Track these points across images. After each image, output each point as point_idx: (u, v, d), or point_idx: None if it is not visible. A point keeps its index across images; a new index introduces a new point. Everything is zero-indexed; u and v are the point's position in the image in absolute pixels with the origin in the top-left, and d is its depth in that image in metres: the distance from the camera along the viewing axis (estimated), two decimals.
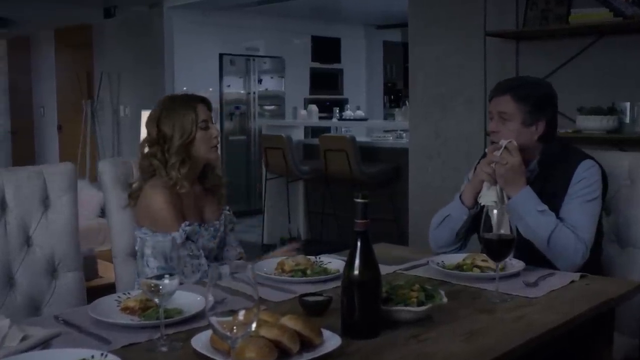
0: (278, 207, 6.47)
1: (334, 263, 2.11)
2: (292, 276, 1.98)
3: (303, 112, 6.95)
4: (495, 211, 1.83)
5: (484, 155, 2.41)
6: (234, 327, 1.22)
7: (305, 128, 7.60)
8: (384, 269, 2.11)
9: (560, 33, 4.21)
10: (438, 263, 2.09)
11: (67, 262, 2.27)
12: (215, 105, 8.14)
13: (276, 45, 8.79)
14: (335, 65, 9.58)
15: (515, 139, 2.20)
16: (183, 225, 2.21)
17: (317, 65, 9.34)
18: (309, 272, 1.99)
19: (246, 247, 2.38)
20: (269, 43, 8.75)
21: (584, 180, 2.23)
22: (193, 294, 1.76)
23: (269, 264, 2.10)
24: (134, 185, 2.30)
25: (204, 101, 2.36)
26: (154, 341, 1.51)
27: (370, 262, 1.51)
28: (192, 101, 2.33)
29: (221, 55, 8.16)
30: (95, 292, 2.40)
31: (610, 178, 2.42)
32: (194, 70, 7.82)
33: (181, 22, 7.62)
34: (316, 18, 9.00)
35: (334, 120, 7.50)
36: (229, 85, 8.27)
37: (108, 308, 1.72)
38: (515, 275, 1.99)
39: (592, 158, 2.30)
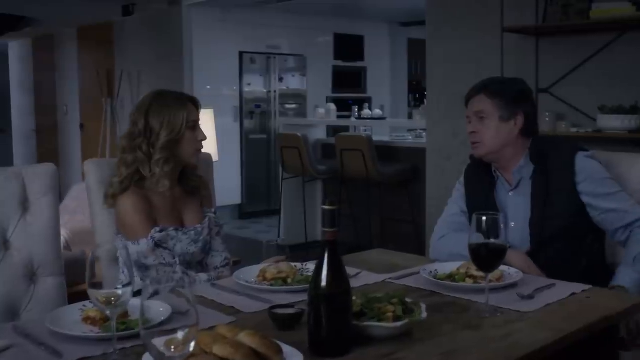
0: (295, 208, 6.36)
1: None
2: (272, 285, 1.87)
3: (321, 110, 6.83)
4: None
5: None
6: (172, 347, 1.12)
7: (328, 127, 7.49)
8: (373, 278, 2.01)
9: (581, 29, 4.05)
10: (430, 272, 1.96)
11: (47, 267, 2.18)
12: (235, 103, 8.09)
13: (298, 43, 8.69)
14: (359, 63, 9.44)
15: (495, 135, 2.20)
16: (152, 231, 2.12)
17: (339, 63, 9.21)
18: (289, 280, 1.87)
19: (264, 248, 2.22)
20: (291, 41, 8.64)
21: (594, 177, 2.18)
22: (161, 303, 1.66)
23: (250, 272, 1.99)
24: (113, 182, 2.20)
25: (195, 102, 2.28)
26: (107, 355, 1.41)
27: (339, 274, 1.39)
28: (184, 100, 2.25)
29: (241, 54, 8.08)
30: (85, 295, 2.34)
31: (625, 182, 2.29)
32: (213, 68, 7.76)
33: (201, 20, 7.55)
34: (339, 15, 8.86)
35: (352, 119, 7.36)
36: (249, 84, 8.19)
37: (70, 318, 1.63)
38: (512, 286, 1.85)
39: (583, 148, 2.25)
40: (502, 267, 1.98)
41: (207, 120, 3.45)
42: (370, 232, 5.90)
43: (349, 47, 9.30)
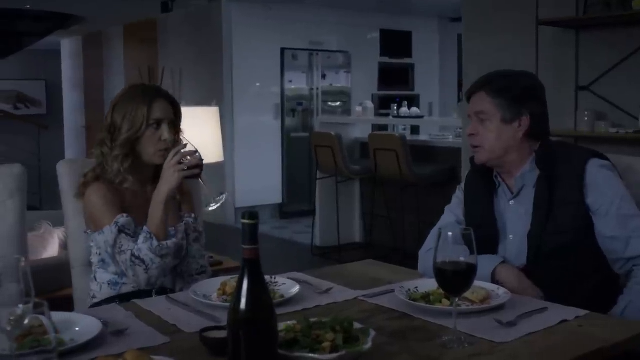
0: (330, 209, 6.17)
1: (287, 285, 1.82)
2: (226, 300, 1.70)
3: (358, 109, 6.62)
4: None
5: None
6: None
7: (373, 126, 7.27)
8: (345, 295, 1.82)
9: (623, 20, 3.74)
10: (409, 289, 1.75)
11: (10, 273, 2.07)
12: (277, 101, 7.95)
13: (342, 40, 8.48)
14: (406, 60, 9.17)
15: (497, 139, 1.95)
16: (118, 216, 1.99)
17: (386, 60, 8.96)
18: None
19: (298, 249, 2.00)
20: (334, 37, 8.44)
21: (603, 192, 1.89)
22: (91, 319, 1.53)
23: (212, 284, 1.82)
24: (86, 173, 2.10)
25: (168, 99, 2.12)
26: None
27: (260, 297, 1.21)
28: (151, 96, 2.09)
29: (283, 50, 7.93)
30: (65, 302, 2.24)
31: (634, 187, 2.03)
32: (254, 65, 7.65)
33: (241, 16, 7.45)
34: (386, 11, 8.62)
35: (390, 117, 7.12)
36: (290, 81, 8.04)
37: None
38: (496, 309, 1.63)
39: (599, 155, 1.96)
40: (491, 287, 1.76)
41: (211, 119, 3.30)
42: (406, 234, 5.67)
43: (396, 43, 9.04)
